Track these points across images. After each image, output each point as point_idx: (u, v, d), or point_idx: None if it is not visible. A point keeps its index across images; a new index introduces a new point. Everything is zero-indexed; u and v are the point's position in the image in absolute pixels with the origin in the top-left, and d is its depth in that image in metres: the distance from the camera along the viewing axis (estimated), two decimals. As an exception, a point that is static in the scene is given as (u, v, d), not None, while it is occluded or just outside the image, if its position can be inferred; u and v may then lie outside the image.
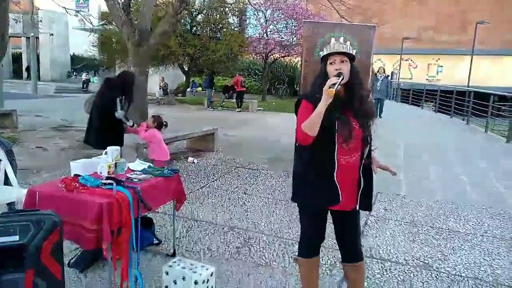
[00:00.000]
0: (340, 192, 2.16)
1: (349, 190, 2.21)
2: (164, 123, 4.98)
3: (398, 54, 31.50)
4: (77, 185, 2.49)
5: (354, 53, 2.19)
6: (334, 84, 2.01)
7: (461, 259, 3.39)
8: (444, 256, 3.43)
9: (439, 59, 35.74)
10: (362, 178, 2.21)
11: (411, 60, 36.22)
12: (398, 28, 34.17)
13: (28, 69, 28.39)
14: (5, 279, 1.91)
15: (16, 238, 1.92)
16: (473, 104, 13.71)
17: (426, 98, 19.71)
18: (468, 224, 4.26)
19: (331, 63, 2.16)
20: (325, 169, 2.16)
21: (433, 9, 34.84)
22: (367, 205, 2.29)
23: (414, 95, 21.23)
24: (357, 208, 2.25)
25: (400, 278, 3.01)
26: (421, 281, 2.97)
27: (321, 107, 2.02)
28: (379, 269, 3.14)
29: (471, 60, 26.34)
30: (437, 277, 3.05)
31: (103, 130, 5.77)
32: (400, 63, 31.89)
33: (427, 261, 3.31)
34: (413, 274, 3.09)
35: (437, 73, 36.04)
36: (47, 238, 1.98)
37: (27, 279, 1.92)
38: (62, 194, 2.43)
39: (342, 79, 2.07)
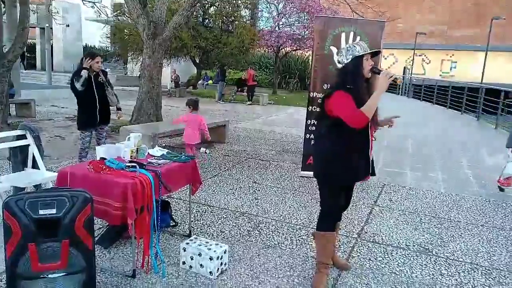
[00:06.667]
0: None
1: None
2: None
3: (411, 49, 31.28)
4: (104, 167, 2.73)
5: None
6: (392, 75, 2.39)
7: (460, 246, 3.57)
8: (444, 243, 3.61)
9: (453, 55, 35.36)
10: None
11: (425, 56, 35.88)
12: (411, 23, 33.94)
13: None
14: (44, 247, 2.15)
15: (54, 211, 2.16)
16: (484, 101, 13.68)
17: (438, 94, 19.62)
18: (469, 215, 4.43)
19: (367, 59, 2.51)
20: (363, 147, 2.56)
21: (447, 3, 34.45)
22: (373, 171, 2.73)
23: (426, 91, 21.15)
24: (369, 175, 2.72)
25: (401, 261, 3.20)
26: (420, 264, 3.16)
27: (379, 94, 2.39)
28: (381, 252, 3.34)
29: (485, 56, 26.02)
30: (436, 261, 3.24)
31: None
32: (413, 58, 31.67)
33: (427, 247, 3.50)
34: (413, 258, 3.28)
35: (450, 69, 35.67)
36: (80, 212, 2.22)
37: (63, 248, 2.17)
38: (91, 175, 2.66)
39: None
